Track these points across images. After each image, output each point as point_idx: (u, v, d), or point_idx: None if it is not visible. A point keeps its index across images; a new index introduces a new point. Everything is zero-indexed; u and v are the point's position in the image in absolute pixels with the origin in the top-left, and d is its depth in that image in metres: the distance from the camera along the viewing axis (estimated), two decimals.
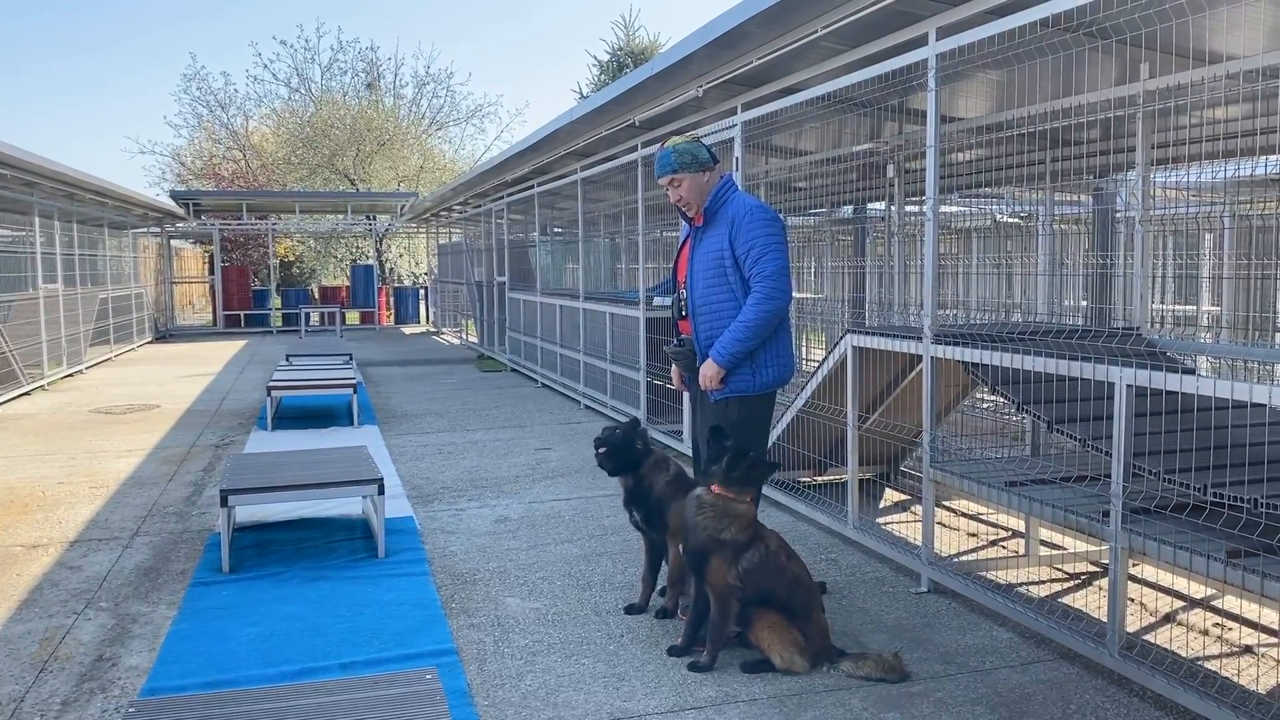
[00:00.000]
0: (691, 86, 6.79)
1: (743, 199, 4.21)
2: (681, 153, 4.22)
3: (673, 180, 4.27)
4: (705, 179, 4.24)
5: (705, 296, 4.25)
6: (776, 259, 4.07)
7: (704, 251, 4.25)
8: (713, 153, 4.33)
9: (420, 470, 7.65)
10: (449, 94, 41.39)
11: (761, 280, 4.08)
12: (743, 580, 3.83)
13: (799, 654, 3.80)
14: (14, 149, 10.94)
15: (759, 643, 3.84)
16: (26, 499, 6.89)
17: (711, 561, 3.86)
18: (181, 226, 25.28)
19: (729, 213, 4.16)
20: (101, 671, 3.92)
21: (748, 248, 4.09)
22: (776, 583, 3.85)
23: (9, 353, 12.13)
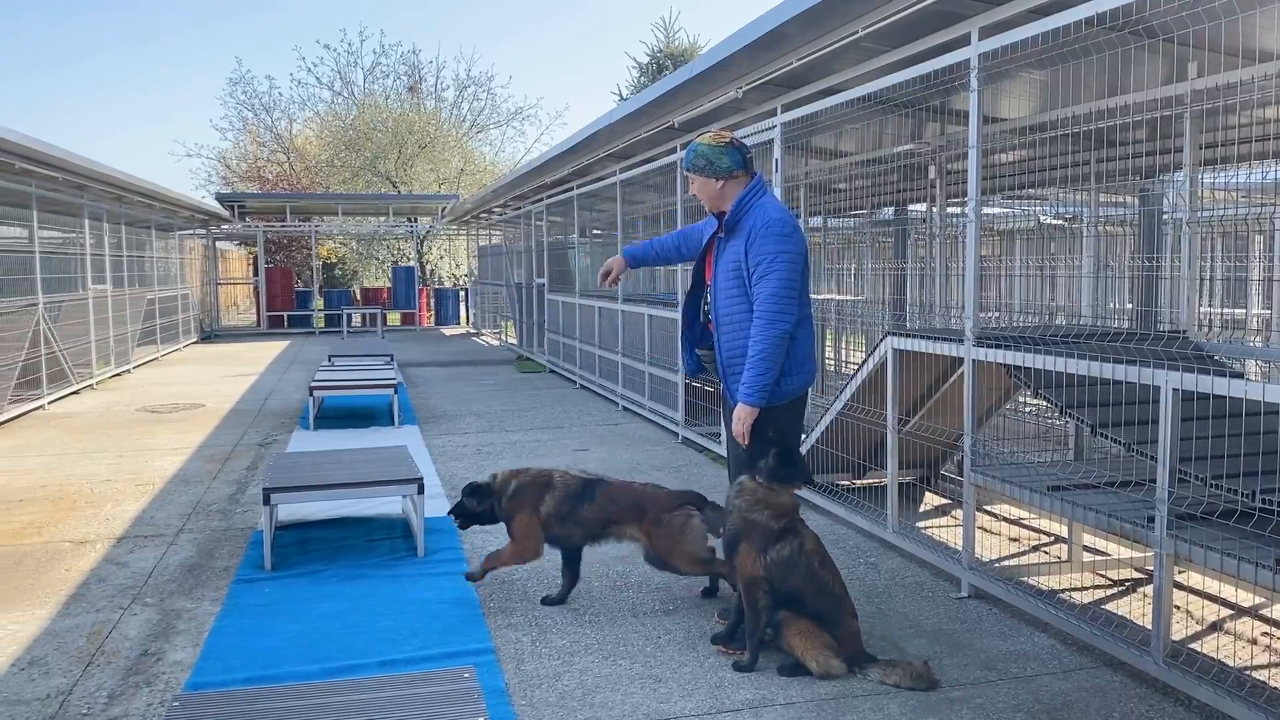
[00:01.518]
0: (731, 88, 6.78)
1: (764, 210, 4.08)
2: (699, 154, 4.18)
3: (687, 176, 4.33)
4: (718, 186, 4.16)
5: (727, 308, 4.17)
6: (777, 280, 3.96)
7: (725, 261, 4.19)
8: (745, 160, 4.18)
9: (460, 470, 7.70)
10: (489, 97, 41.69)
11: (760, 304, 4.00)
12: (770, 571, 3.82)
13: (835, 657, 3.78)
14: (65, 152, 11.16)
15: (792, 649, 3.82)
16: (75, 496, 7.02)
17: (740, 547, 3.88)
18: (226, 228, 25.66)
19: (749, 223, 4.08)
20: (147, 666, 3.99)
21: (756, 263, 4.01)
22: (805, 584, 3.83)
23: (59, 352, 12.37)
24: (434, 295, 28.71)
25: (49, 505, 6.73)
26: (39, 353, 11.53)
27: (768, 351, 3.98)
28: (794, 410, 4.22)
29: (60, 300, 13.12)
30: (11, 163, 10.27)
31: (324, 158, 35.50)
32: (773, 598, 3.88)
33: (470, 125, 38.76)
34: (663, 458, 8.16)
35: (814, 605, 3.86)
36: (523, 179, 14.70)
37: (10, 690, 3.75)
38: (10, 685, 3.80)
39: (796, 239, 4.08)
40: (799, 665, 3.82)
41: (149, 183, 15.98)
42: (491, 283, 22.33)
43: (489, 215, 21.85)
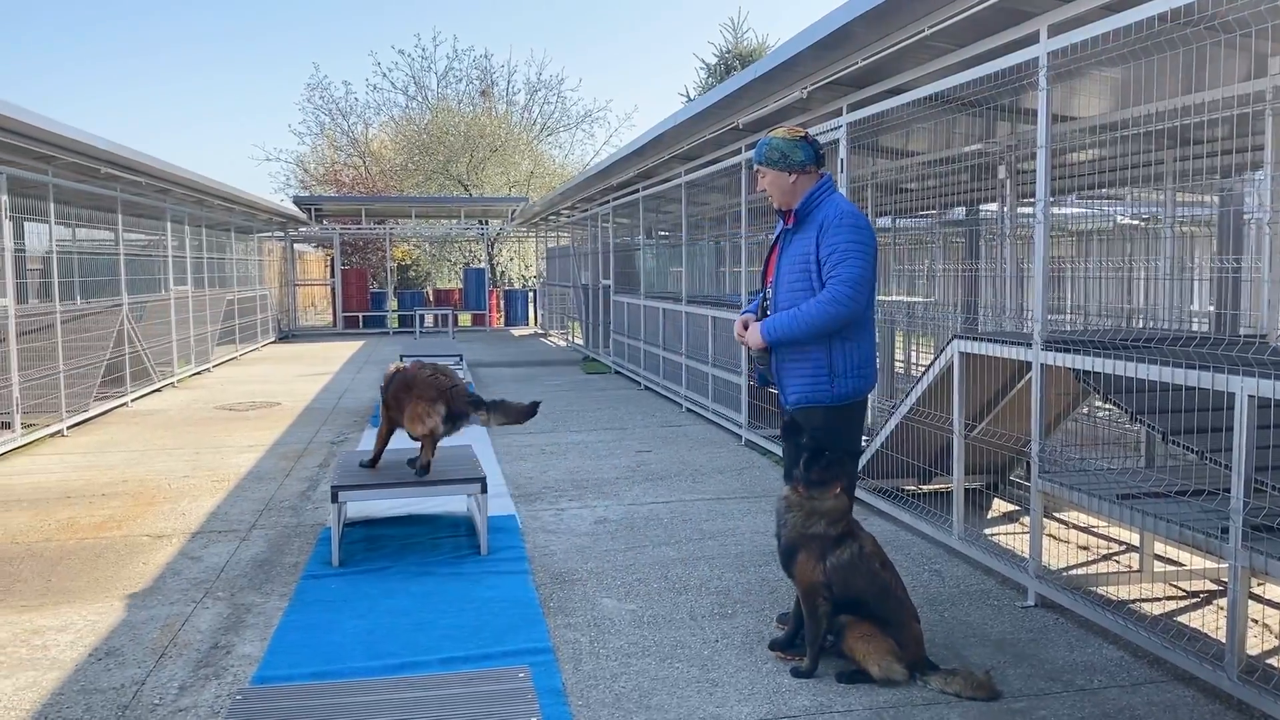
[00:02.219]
0: (796, 88, 6.73)
1: (836, 204, 4.05)
2: (773, 148, 4.13)
3: (757, 170, 4.23)
4: (791, 180, 4.11)
5: (788, 300, 4.10)
6: (856, 265, 3.91)
7: (791, 254, 4.13)
8: (818, 155, 4.15)
9: (524, 470, 7.78)
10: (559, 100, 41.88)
11: (836, 283, 3.92)
12: (830, 576, 3.78)
13: (897, 662, 3.73)
14: (148, 157, 11.52)
15: (853, 654, 3.78)
16: (154, 491, 7.24)
17: (799, 556, 3.84)
18: (304, 231, 26.26)
19: (819, 216, 4.03)
20: (216, 659, 4.10)
21: (829, 251, 3.95)
22: (867, 587, 3.80)
23: (142, 351, 12.77)
24: (504, 296, 29.02)
25: (129, 500, 6.95)
26: (123, 352, 11.91)
27: (815, 318, 3.94)
28: (849, 415, 4.13)
29: (144, 301, 13.56)
30: (97, 168, 10.64)
31: (398, 161, 36.11)
32: (834, 603, 3.85)
33: (540, 128, 39.10)
34: (725, 460, 8.14)
35: (877, 608, 3.82)
36: (589, 181, 14.78)
37: (87, 679, 3.89)
38: (88, 675, 3.93)
39: (871, 234, 4.05)
40: (859, 672, 3.78)
41: (228, 186, 16.43)
42: (559, 284, 22.49)
43: (557, 217, 22.02)
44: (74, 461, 8.36)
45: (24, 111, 8.07)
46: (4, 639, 4.31)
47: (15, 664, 4.04)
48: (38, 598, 4.87)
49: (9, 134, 8.32)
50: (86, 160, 10.19)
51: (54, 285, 10.15)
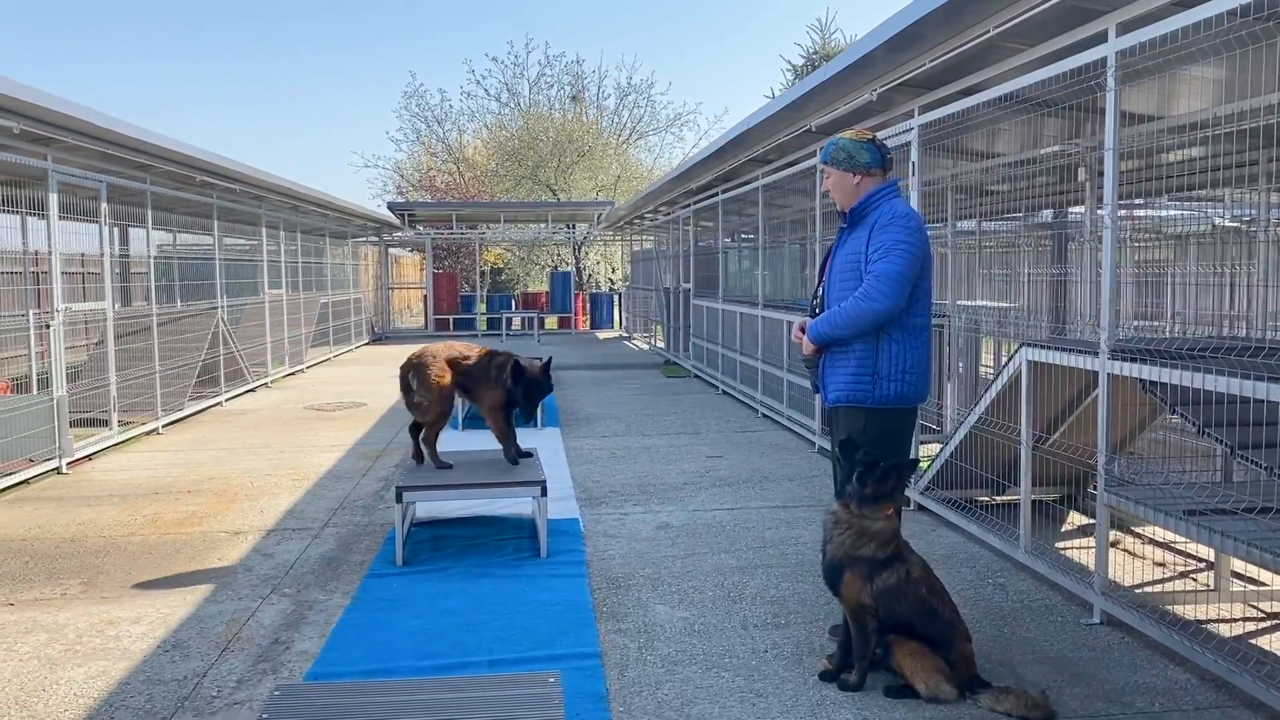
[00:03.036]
0: (865, 90, 6.63)
1: (892, 206, 3.98)
2: (840, 148, 4.10)
3: (823, 170, 4.23)
4: (854, 181, 4.06)
5: (840, 298, 4.03)
6: (895, 262, 3.84)
7: (844, 253, 4.09)
8: (884, 159, 4.09)
9: (592, 473, 7.82)
10: (649, 104, 42.01)
11: (870, 278, 3.87)
12: (876, 600, 3.71)
13: (945, 681, 3.64)
14: (241, 164, 11.94)
15: (901, 670, 3.71)
16: (237, 489, 7.49)
17: (845, 575, 3.77)
18: (398, 236, 26.88)
19: (874, 217, 3.98)
20: (275, 654, 4.22)
21: (875, 248, 3.91)
22: (912, 612, 3.72)
23: (237, 352, 13.23)
24: (589, 300, 29.24)
25: (212, 497, 7.21)
26: (218, 353, 12.36)
27: (850, 316, 3.90)
28: (895, 422, 4.03)
29: (239, 304, 14.05)
30: (193, 175, 11.06)
31: (489, 167, 36.69)
32: (880, 623, 3.78)
33: (630, 132, 39.30)
34: (795, 467, 8.06)
35: (924, 631, 3.74)
36: (670, 185, 14.79)
37: (153, 670, 4.04)
38: (153, 666, 4.09)
39: (922, 237, 3.97)
40: (906, 687, 3.71)
41: (321, 193, 16.91)
42: (643, 287, 22.57)
43: (641, 221, 22.09)
44: (165, 459, 8.71)
45: (122, 124, 8.44)
46: (83, 628, 4.52)
47: (89, 653, 4.22)
48: (117, 590, 5.09)
49: (109, 145, 8.70)
50: (182, 169, 10.60)
51: (151, 289, 10.58)
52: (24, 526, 6.36)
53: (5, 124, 7.00)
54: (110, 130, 8.18)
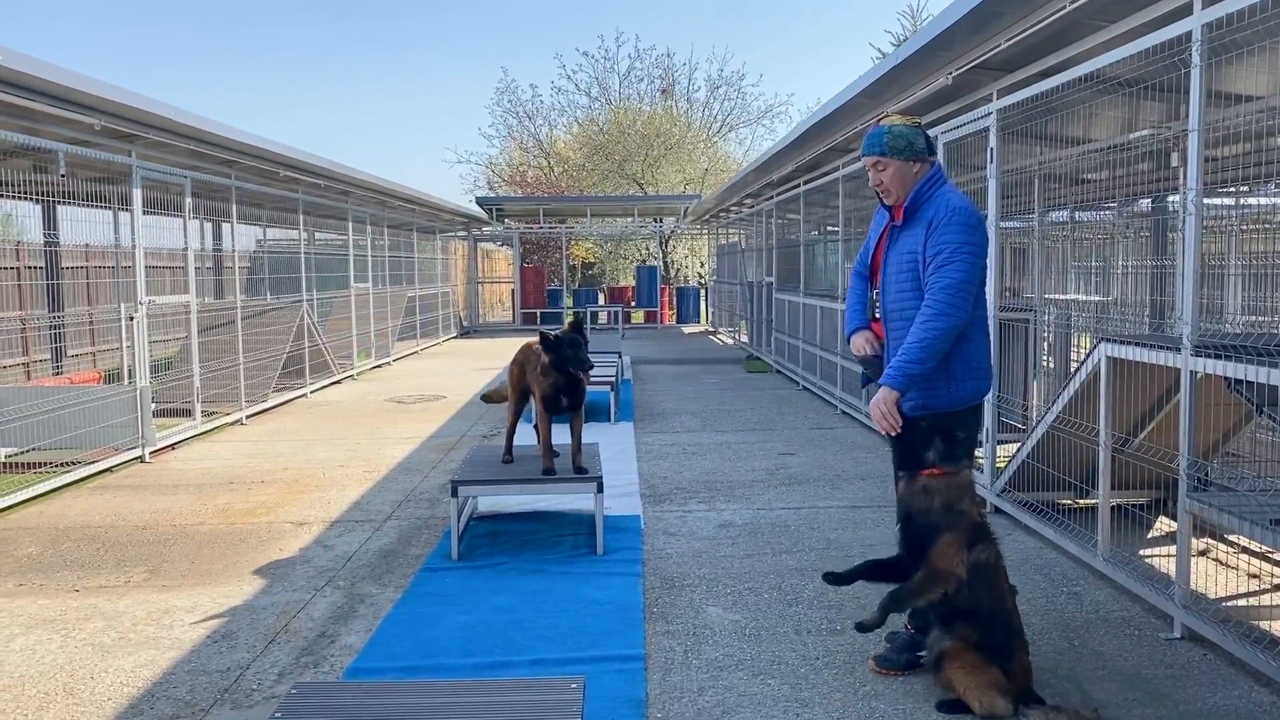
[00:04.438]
0: (941, 74, 6.35)
1: (947, 198, 3.75)
2: (896, 136, 3.79)
3: (877, 163, 3.84)
4: (914, 169, 3.80)
5: (898, 302, 3.84)
6: (960, 270, 3.63)
7: (899, 252, 3.85)
8: (931, 143, 3.87)
9: (660, 469, 7.70)
10: (740, 96, 41.66)
11: (935, 293, 3.65)
12: (969, 573, 3.52)
13: (1000, 695, 3.42)
14: (324, 160, 12.13)
15: (953, 685, 3.50)
16: (309, 480, 7.58)
17: (942, 540, 3.57)
18: (487, 230, 27.16)
19: (929, 212, 3.76)
20: (320, 648, 4.21)
21: (936, 251, 3.68)
22: (989, 601, 3.53)
23: (322, 345, 13.48)
24: (675, 294, 29.11)
25: (284, 487, 7.31)
26: (303, 346, 12.60)
27: (928, 343, 3.64)
28: (968, 420, 3.84)
29: (326, 298, 14.32)
30: (276, 171, 11.27)
31: (576, 161, 36.84)
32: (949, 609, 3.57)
33: (720, 125, 39.02)
34: (869, 465, 7.81)
35: (988, 630, 3.52)
36: (753, 175, 14.56)
37: (200, 661, 4.07)
38: (201, 656, 4.12)
39: (982, 232, 3.77)
40: (959, 703, 3.50)
41: (408, 188, 17.14)
42: (728, 281, 22.34)
43: (727, 214, 21.87)
44: (244, 449, 8.88)
45: (203, 119, 8.62)
46: (139, 616, 4.58)
47: (141, 641, 4.27)
48: (178, 578, 5.16)
49: (192, 141, 8.91)
50: (266, 164, 10.81)
51: (236, 282, 10.83)
52: (101, 514, 6.52)
53: (87, 120, 7.20)
54: (191, 126, 8.37)
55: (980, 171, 6.47)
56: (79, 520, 6.36)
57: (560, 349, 5.42)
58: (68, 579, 5.15)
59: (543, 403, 5.60)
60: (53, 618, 4.57)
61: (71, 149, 7.31)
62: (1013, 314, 7.05)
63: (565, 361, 5.42)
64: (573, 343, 5.43)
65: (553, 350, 5.43)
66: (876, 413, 3.76)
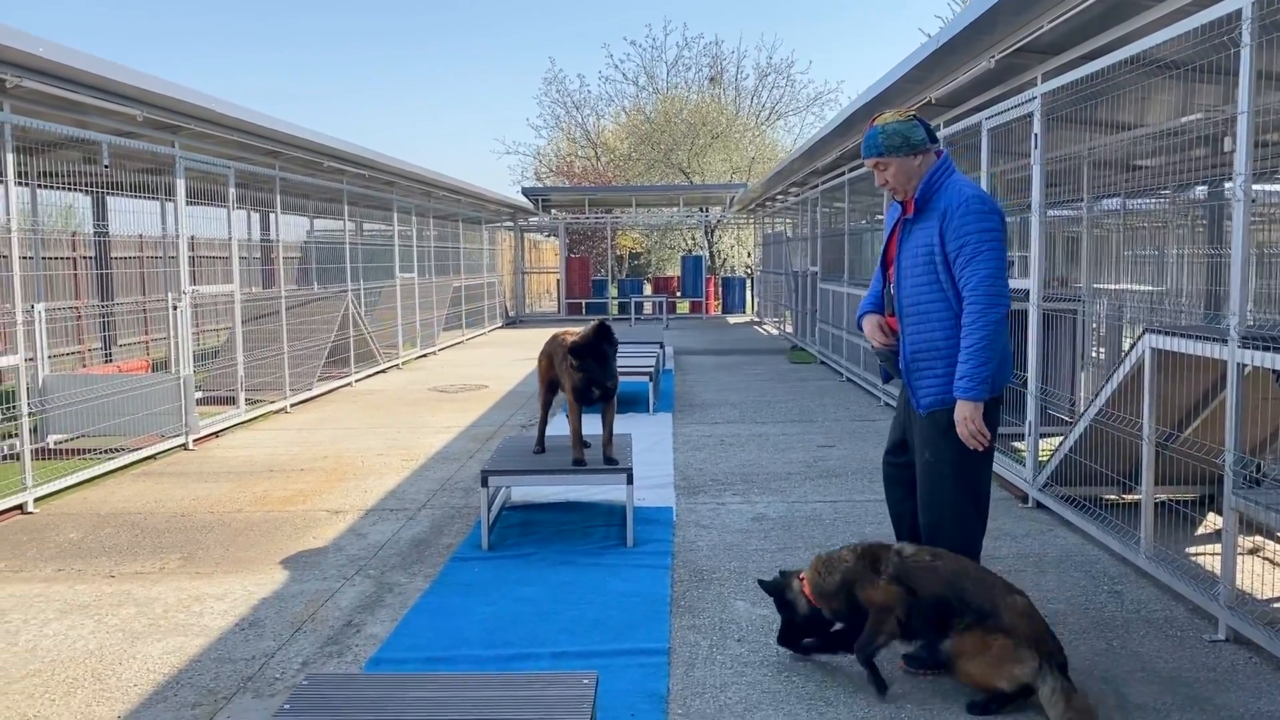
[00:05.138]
0: (984, 57, 6.19)
1: (959, 186, 3.71)
2: (890, 134, 3.75)
3: (878, 164, 3.81)
4: (916, 162, 3.75)
5: (914, 296, 3.79)
6: (989, 262, 3.59)
7: (913, 245, 3.79)
8: (931, 132, 3.82)
9: (696, 461, 7.64)
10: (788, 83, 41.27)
11: (974, 288, 3.61)
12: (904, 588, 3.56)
13: (1015, 663, 3.31)
14: (367, 150, 12.21)
15: (975, 678, 3.41)
16: (347, 468, 7.63)
17: (856, 584, 3.67)
18: (533, 221, 27.24)
19: (942, 203, 3.70)
20: (345, 637, 4.21)
21: (959, 245, 3.63)
22: (942, 588, 3.52)
23: (367, 334, 13.58)
24: (721, 284, 28.97)
25: (322, 475, 7.36)
26: (348, 335, 12.70)
27: (987, 339, 3.59)
28: (992, 411, 3.75)
29: (371, 288, 14.43)
30: (320, 161, 11.36)
31: (622, 151, 36.79)
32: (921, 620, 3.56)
33: (769, 113, 38.73)
34: None
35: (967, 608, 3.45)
36: (798, 163, 14.41)
37: (226, 648, 4.09)
38: (227, 644, 4.14)
39: (999, 218, 3.71)
40: (991, 701, 3.40)
41: (453, 178, 17.21)
42: (773, 271, 22.16)
43: (772, 203, 21.69)
44: (286, 437, 8.97)
45: (245, 110, 8.70)
46: (170, 603, 4.63)
47: (170, 628, 4.31)
48: (211, 565, 5.21)
49: (235, 131, 8.98)
50: (309, 155, 10.89)
51: (279, 272, 10.93)
52: (142, 500, 6.62)
53: (129, 112, 7.29)
54: (232, 117, 8.44)
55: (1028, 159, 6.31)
56: (120, 506, 6.46)
57: (585, 361, 5.36)
58: (104, 565, 5.22)
59: (573, 394, 5.55)
60: (87, 603, 4.63)
61: (115, 140, 7.41)
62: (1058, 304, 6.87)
63: (591, 377, 5.38)
64: (600, 356, 5.35)
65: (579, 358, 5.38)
66: (964, 432, 3.65)
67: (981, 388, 3.61)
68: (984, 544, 3.94)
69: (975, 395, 3.61)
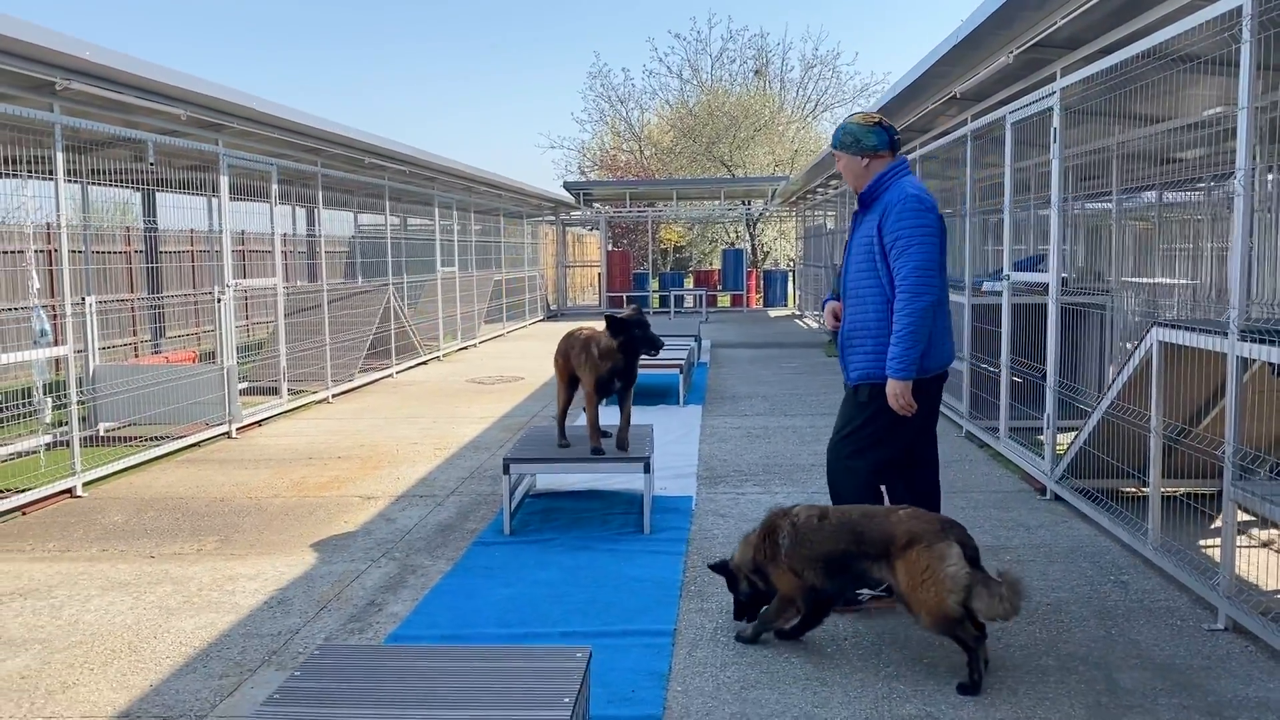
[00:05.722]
0: (1001, 53, 6.23)
1: (903, 186, 4.09)
2: (845, 133, 4.24)
3: (834, 155, 4.36)
4: (864, 163, 4.20)
5: (854, 281, 4.23)
6: (919, 254, 3.98)
7: (859, 235, 4.24)
8: (892, 141, 4.22)
9: (721, 452, 7.76)
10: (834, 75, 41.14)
11: (905, 277, 4.00)
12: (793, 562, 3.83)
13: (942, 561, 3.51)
14: (409, 147, 12.46)
15: (927, 608, 3.55)
16: (382, 456, 7.86)
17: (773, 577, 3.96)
18: (575, 215, 27.45)
19: (885, 199, 4.11)
20: (368, 615, 4.41)
21: (894, 237, 4.03)
22: (826, 540, 3.81)
23: (408, 327, 13.86)
24: (763, 277, 28.97)
25: (358, 463, 7.59)
26: (389, 328, 12.98)
27: (914, 325, 3.99)
28: (925, 390, 4.16)
29: (413, 281, 14.70)
30: (361, 158, 11.62)
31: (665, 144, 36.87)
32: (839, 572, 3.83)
33: (815, 105, 38.58)
34: None
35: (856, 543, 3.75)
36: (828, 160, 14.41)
37: (255, 624, 4.31)
38: (255, 620, 4.36)
39: (934, 215, 4.09)
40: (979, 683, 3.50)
41: (493, 174, 17.44)
42: (814, 264, 22.15)
43: (814, 195, 21.67)
44: (326, 426, 9.23)
45: (286, 109, 8.95)
46: (205, 582, 4.86)
47: (203, 605, 4.54)
48: (246, 547, 5.44)
49: (276, 129, 9.26)
50: (350, 152, 11.16)
51: (321, 266, 11.22)
52: (185, 486, 6.89)
53: (174, 111, 7.56)
54: (273, 115, 8.70)
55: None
56: (163, 491, 6.74)
57: (629, 329, 5.53)
58: (145, 546, 5.48)
59: (594, 386, 5.70)
60: (127, 581, 4.88)
61: (161, 139, 7.69)
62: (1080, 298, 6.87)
63: (636, 342, 5.53)
64: (641, 323, 5.59)
65: (621, 332, 5.53)
66: (895, 405, 4.09)
67: (910, 369, 4.03)
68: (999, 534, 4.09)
69: (903, 375, 4.04)
